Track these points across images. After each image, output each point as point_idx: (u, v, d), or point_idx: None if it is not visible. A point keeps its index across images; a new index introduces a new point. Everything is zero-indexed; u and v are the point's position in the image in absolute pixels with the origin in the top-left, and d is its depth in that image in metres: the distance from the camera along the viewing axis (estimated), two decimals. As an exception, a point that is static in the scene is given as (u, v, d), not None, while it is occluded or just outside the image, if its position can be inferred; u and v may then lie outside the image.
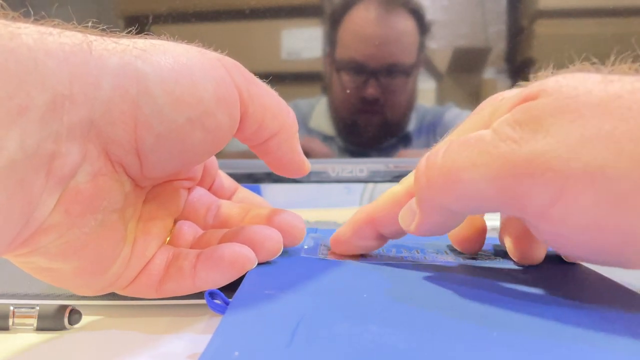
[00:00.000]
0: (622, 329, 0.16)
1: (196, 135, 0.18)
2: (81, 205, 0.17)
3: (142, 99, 0.17)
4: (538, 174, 0.16)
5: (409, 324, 0.16)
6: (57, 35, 0.16)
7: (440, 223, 0.20)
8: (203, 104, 0.18)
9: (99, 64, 0.16)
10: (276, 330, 0.15)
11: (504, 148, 0.17)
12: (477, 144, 0.18)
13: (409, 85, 0.48)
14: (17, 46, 0.14)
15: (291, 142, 0.23)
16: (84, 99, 0.16)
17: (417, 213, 0.20)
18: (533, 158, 0.16)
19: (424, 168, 0.19)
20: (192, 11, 0.45)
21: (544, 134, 0.16)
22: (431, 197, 0.19)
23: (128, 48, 0.17)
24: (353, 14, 0.46)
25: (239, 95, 0.19)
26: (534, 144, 0.16)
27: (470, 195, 0.18)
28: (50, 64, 0.15)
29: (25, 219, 0.15)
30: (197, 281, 0.20)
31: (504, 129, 0.17)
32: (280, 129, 0.22)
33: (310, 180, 0.47)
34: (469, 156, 0.17)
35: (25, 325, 0.20)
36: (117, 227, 0.19)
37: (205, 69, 0.18)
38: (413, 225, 0.21)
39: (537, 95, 0.17)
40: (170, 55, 0.18)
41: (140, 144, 0.18)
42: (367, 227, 0.24)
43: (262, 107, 0.21)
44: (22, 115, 0.14)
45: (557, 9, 0.47)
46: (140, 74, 0.17)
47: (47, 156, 0.15)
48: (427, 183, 0.19)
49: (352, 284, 0.20)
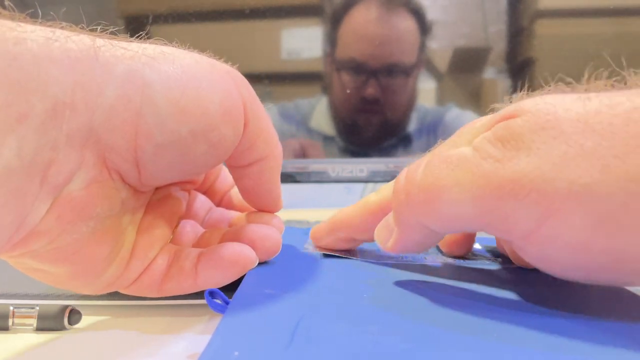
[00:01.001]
0: (619, 330, 0.16)
1: (198, 147, 0.18)
2: (73, 213, 0.17)
3: (145, 108, 0.17)
4: (523, 195, 0.15)
5: (408, 324, 0.16)
6: (64, 40, 0.16)
7: (418, 241, 0.20)
8: (208, 116, 0.18)
9: (104, 72, 0.16)
10: (276, 330, 0.15)
11: (487, 167, 0.16)
12: (458, 161, 0.17)
13: (409, 85, 0.48)
14: (20, 52, 0.14)
15: (274, 172, 0.23)
16: (85, 107, 0.16)
17: (394, 230, 0.20)
18: (517, 178, 0.15)
19: (403, 183, 0.19)
20: (192, 11, 0.45)
21: (527, 152, 0.16)
22: (410, 214, 0.19)
23: (137, 55, 0.17)
24: (353, 13, 0.46)
25: (243, 110, 0.19)
26: (517, 162, 0.16)
27: (452, 215, 0.17)
28: (53, 71, 0.15)
29: (17, 226, 0.15)
30: (198, 281, 0.20)
31: (485, 146, 0.17)
32: (269, 155, 0.22)
33: (310, 180, 0.47)
34: (450, 174, 0.17)
35: (25, 326, 0.20)
36: (111, 232, 0.18)
37: (213, 81, 0.18)
38: (390, 243, 0.20)
39: (515, 114, 0.17)
40: (179, 64, 0.18)
41: (140, 153, 0.17)
42: (341, 231, 0.25)
43: (259, 129, 0.20)
44: (20, 123, 0.14)
45: (557, 9, 0.47)
46: (147, 83, 0.17)
47: (43, 164, 0.15)
48: (406, 199, 0.19)
49: (352, 284, 0.20)
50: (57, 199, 0.16)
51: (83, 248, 0.17)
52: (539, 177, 0.15)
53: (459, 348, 0.14)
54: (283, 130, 0.49)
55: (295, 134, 0.49)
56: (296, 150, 0.49)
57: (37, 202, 0.15)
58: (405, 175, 0.19)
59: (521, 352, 0.14)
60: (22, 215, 0.15)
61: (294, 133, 0.49)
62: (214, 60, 0.19)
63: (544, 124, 0.16)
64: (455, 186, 0.17)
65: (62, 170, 0.16)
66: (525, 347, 0.14)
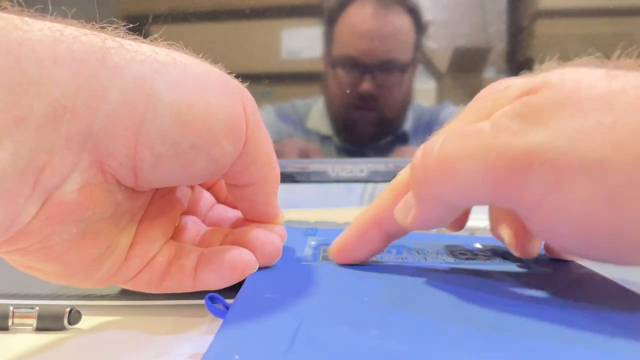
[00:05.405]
0: (624, 331, 0.16)
1: (199, 161, 0.18)
2: (63, 215, 0.16)
3: (148, 117, 0.16)
4: (535, 166, 0.16)
5: (409, 328, 0.16)
6: (72, 41, 0.15)
7: (437, 216, 0.20)
8: (211, 132, 0.18)
9: (110, 76, 0.16)
10: (276, 334, 0.15)
11: (502, 140, 0.17)
12: (474, 135, 0.17)
13: (404, 83, 0.48)
14: (24, 53, 0.14)
15: (269, 196, 0.22)
16: (86, 111, 0.15)
17: (413, 206, 0.20)
18: (531, 150, 0.16)
19: (420, 158, 0.19)
20: (192, 11, 0.45)
21: (544, 126, 0.16)
22: (428, 187, 0.19)
23: (148, 59, 0.17)
24: (350, 10, 0.47)
25: (245, 129, 0.19)
26: (533, 135, 0.16)
27: (466, 186, 0.18)
28: (56, 75, 0.15)
29: (6, 227, 0.15)
30: (197, 282, 0.20)
31: (503, 121, 0.17)
32: (262, 180, 0.22)
33: (310, 180, 0.47)
34: (466, 147, 0.17)
35: (24, 326, 0.20)
36: (102, 234, 0.18)
37: (221, 97, 0.18)
38: (409, 218, 0.20)
39: (540, 88, 0.17)
40: (189, 75, 0.17)
41: (139, 162, 0.17)
42: (373, 228, 0.23)
43: (257, 150, 0.20)
44: (18, 126, 0.14)
45: (557, 9, 0.47)
46: (154, 91, 0.16)
47: (38, 167, 0.15)
48: (423, 174, 0.19)
49: (352, 287, 0.20)
50: (47, 201, 0.16)
51: (72, 249, 0.17)
52: (553, 149, 0.15)
53: (459, 350, 0.14)
54: (280, 131, 0.49)
55: (292, 135, 0.49)
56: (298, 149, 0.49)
57: (27, 204, 0.15)
58: (422, 152, 0.19)
59: (521, 352, 0.14)
60: (12, 217, 0.15)
61: (291, 133, 0.49)
62: (224, 74, 0.19)
63: (565, 100, 0.16)
64: (469, 158, 0.17)
65: (57, 173, 0.15)
66: (525, 346, 0.14)
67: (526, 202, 0.17)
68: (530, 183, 0.16)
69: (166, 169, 0.18)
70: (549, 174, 0.16)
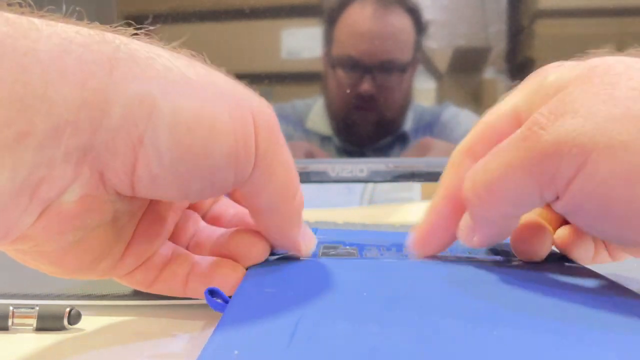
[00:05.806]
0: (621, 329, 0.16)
1: (194, 184, 0.17)
2: (61, 224, 0.16)
3: (148, 138, 0.16)
4: (565, 151, 0.17)
5: (409, 323, 0.16)
6: (82, 50, 0.14)
7: (500, 231, 0.22)
8: (212, 159, 0.17)
9: (116, 90, 0.15)
10: (276, 329, 0.15)
11: (532, 136, 0.18)
12: (508, 146, 0.19)
13: (404, 83, 0.48)
14: (30, 64, 0.13)
15: (284, 227, 0.21)
16: (88, 126, 0.15)
17: (474, 229, 0.21)
18: (561, 139, 0.17)
19: (471, 187, 0.20)
20: (192, 11, 0.45)
21: (572, 114, 0.17)
22: (484, 212, 0.21)
23: (158, 75, 0.16)
24: (350, 10, 0.47)
25: (254, 155, 0.18)
26: (562, 124, 0.17)
27: (516, 195, 0.19)
28: (61, 89, 0.14)
29: (1, 237, 0.15)
30: (187, 291, 0.21)
31: (535, 117, 0.18)
32: (274, 209, 0.20)
33: (310, 180, 0.47)
34: (504, 160, 0.19)
35: (24, 326, 0.20)
36: (99, 240, 0.18)
37: (228, 122, 0.17)
38: (475, 240, 0.22)
39: (584, 80, 0.18)
40: (200, 97, 0.17)
41: (137, 180, 0.16)
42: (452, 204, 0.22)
43: (268, 178, 0.19)
44: (19, 143, 0.13)
45: (557, 9, 0.47)
46: (157, 111, 0.15)
47: (36, 181, 0.14)
48: (478, 201, 0.20)
49: (352, 282, 0.20)
50: (45, 210, 0.15)
51: (68, 254, 0.17)
52: (581, 134, 0.17)
53: (460, 345, 0.14)
54: None
55: (292, 135, 0.49)
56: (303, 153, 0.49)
57: (24, 215, 0.15)
58: (471, 180, 0.20)
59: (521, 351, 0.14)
60: (7, 228, 0.15)
61: (291, 134, 0.49)
62: (241, 92, 0.18)
63: (600, 91, 0.17)
64: (508, 168, 0.19)
65: (56, 185, 0.15)
66: (526, 346, 0.14)
67: (559, 186, 0.18)
68: (561, 167, 0.17)
69: (163, 189, 0.17)
70: (577, 157, 0.17)
